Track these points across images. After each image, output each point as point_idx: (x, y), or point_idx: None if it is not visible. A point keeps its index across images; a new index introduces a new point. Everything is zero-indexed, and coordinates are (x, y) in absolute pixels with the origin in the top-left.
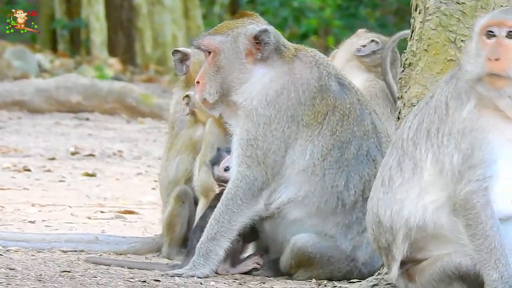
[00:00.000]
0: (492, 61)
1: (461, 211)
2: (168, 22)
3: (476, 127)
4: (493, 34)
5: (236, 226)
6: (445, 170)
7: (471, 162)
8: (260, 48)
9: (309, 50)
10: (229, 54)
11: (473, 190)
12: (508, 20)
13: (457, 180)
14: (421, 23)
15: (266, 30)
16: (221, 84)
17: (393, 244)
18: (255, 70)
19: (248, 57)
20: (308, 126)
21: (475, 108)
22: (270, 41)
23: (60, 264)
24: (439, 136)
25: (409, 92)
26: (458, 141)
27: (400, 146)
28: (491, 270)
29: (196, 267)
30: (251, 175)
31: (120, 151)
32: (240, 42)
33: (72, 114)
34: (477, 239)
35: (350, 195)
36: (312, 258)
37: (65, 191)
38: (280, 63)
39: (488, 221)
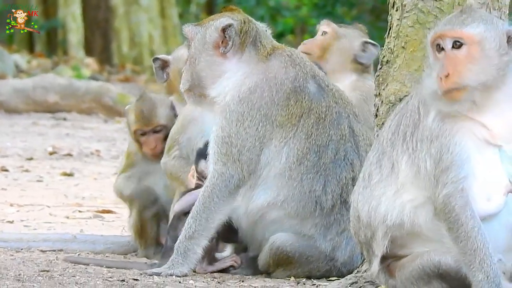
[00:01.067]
0: (443, 78)
1: (441, 215)
2: (145, 21)
3: (440, 133)
4: (441, 48)
5: (213, 224)
6: (421, 174)
7: (442, 165)
8: (227, 42)
9: (286, 49)
10: (198, 44)
11: (450, 193)
12: (447, 31)
13: (434, 185)
14: (398, 20)
15: (230, 24)
16: (191, 74)
17: (372, 239)
18: (229, 64)
19: (216, 50)
20: (282, 127)
21: (438, 115)
22: (232, 36)
23: (39, 264)
24: (413, 140)
25: (387, 89)
26: (428, 147)
27: (381, 143)
28: (477, 271)
29: (174, 265)
30: (227, 172)
31: (98, 150)
32: (208, 33)
33: (50, 114)
34: (460, 241)
35: (328, 199)
36: (291, 257)
37: (43, 190)
38: (256, 60)
39: (469, 222)
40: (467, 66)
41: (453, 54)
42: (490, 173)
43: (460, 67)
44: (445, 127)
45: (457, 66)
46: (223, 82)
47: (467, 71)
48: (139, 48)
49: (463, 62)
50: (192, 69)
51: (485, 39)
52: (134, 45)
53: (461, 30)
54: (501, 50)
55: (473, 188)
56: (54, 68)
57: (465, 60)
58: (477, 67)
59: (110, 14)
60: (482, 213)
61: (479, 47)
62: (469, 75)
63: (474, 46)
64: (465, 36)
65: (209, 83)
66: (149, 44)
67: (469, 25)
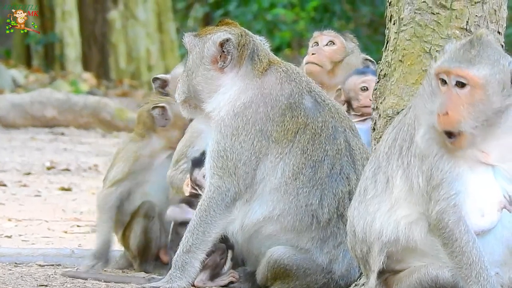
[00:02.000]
0: (441, 116)
1: (435, 231)
2: (142, 36)
3: (428, 154)
4: (445, 82)
5: (210, 237)
6: (414, 189)
7: (433, 183)
8: (225, 57)
9: (282, 64)
10: (196, 57)
11: (442, 209)
12: (453, 69)
13: (427, 201)
14: (396, 33)
15: (228, 39)
16: (188, 86)
17: (368, 255)
18: (225, 79)
19: (213, 64)
20: (278, 143)
21: (426, 134)
22: (231, 51)
23: (37, 278)
24: (408, 155)
25: (384, 103)
26: (420, 164)
27: (377, 157)
28: (474, 285)
29: (172, 279)
30: (223, 186)
31: (96, 165)
32: (206, 47)
33: (47, 128)
34: (455, 256)
35: (324, 213)
36: (289, 270)
37: (41, 205)
38: (252, 75)
39: (463, 237)
40: (467, 108)
41: (455, 92)
42: (483, 190)
43: (460, 107)
44: (432, 148)
45: (457, 106)
46: (218, 97)
47: (466, 113)
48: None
49: (464, 103)
50: (189, 81)
51: (489, 84)
52: (131, 60)
53: (467, 71)
54: (504, 92)
55: (466, 204)
56: (51, 83)
57: (466, 100)
58: (477, 110)
59: (107, 28)
60: (476, 229)
61: (483, 90)
62: (468, 117)
63: (477, 89)
64: (470, 78)
65: (205, 97)
66: (147, 58)
67: (476, 66)
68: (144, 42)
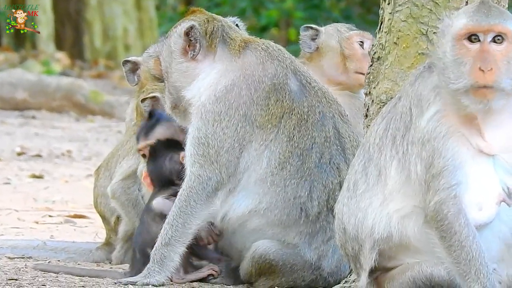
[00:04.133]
0: (481, 71)
1: (433, 223)
2: (119, 14)
3: (434, 136)
4: (477, 39)
5: (191, 229)
6: (412, 179)
7: (433, 171)
8: (194, 45)
9: (260, 42)
10: (166, 56)
11: (442, 200)
12: (495, 25)
13: (425, 191)
14: (391, 14)
15: (192, 26)
16: (169, 89)
17: (360, 253)
18: (202, 66)
19: (184, 56)
20: (263, 128)
21: (435, 116)
22: (197, 38)
23: (6, 272)
24: (404, 143)
25: (378, 88)
26: (419, 150)
27: (367, 150)
28: (472, 282)
29: (151, 274)
30: (204, 174)
31: (69, 151)
32: (173, 42)
33: (18, 112)
34: (453, 250)
35: (313, 206)
36: (274, 266)
37: (11, 194)
38: (229, 57)
39: (462, 230)
40: (505, 63)
41: (492, 48)
42: (483, 182)
43: (501, 63)
44: (440, 129)
45: (498, 62)
46: (197, 83)
47: (506, 69)
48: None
49: (502, 58)
50: (168, 84)
51: None
52: (107, 39)
53: (507, 26)
54: None
55: (465, 196)
56: (22, 63)
57: (504, 56)
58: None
59: (82, 5)
60: (474, 223)
61: None
62: (505, 73)
63: None
64: (508, 32)
65: (184, 88)
66: (124, 38)
67: (510, 21)
68: (121, 20)
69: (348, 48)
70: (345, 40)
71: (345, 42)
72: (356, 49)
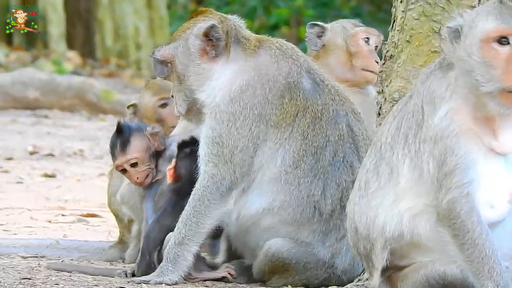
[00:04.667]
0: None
1: (445, 221)
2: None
3: (446, 134)
4: (506, 42)
5: (204, 229)
6: (424, 177)
7: (446, 169)
8: (214, 45)
9: (274, 41)
10: (183, 58)
11: (454, 198)
12: None
13: (437, 189)
14: (403, 12)
15: (213, 25)
16: (185, 92)
17: (372, 252)
18: (216, 67)
19: (203, 57)
20: (277, 127)
21: (448, 114)
22: (220, 36)
23: (20, 271)
24: (416, 142)
25: (390, 86)
26: (432, 148)
27: (378, 149)
28: (486, 280)
29: (164, 273)
30: (218, 174)
31: (81, 150)
32: (191, 43)
33: (29, 111)
34: (466, 248)
35: (327, 204)
36: (287, 264)
37: (23, 193)
38: (243, 57)
39: (475, 228)
40: None
41: None
42: (495, 180)
43: None
44: (452, 127)
45: None
46: (211, 84)
47: None
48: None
49: None
50: (183, 87)
51: None
52: (118, 38)
53: None
54: None
55: (477, 194)
56: (33, 62)
57: None
58: None
59: (93, 4)
60: (486, 221)
61: None
62: None
63: None
64: None
65: (199, 89)
66: (135, 36)
67: None
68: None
69: (354, 45)
70: (351, 37)
71: (350, 39)
72: (362, 46)
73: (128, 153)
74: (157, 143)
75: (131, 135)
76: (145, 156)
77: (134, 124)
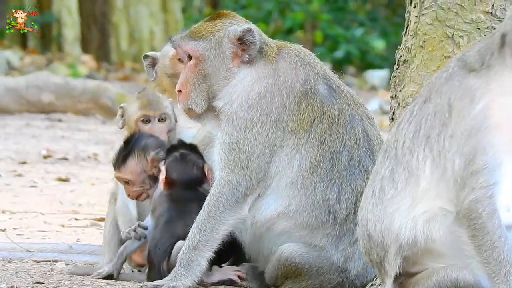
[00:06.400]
0: None
1: (465, 220)
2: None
3: (483, 128)
4: None
5: (218, 234)
6: (446, 176)
7: (473, 167)
8: (245, 49)
9: (293, 47)
10: (215, 61)
11: (477, 199)
12: None
13: (460, 188)
14: (417, 17)
15: (249, 29)
16: (208, 93)
17: (385, 259)
18: (238, 72)
19: (234, 61)
20: (294, 133)
21: (486, 107)
22: (256, 40)
23: (33, 275)
24: (440, 140)
25: (404, 91)
26: (461, 144)
27: (393, 156)
28: (501, 284)
29: (177, 278)
30: (234, 180)
31: (95, 154)
32: (225, 46)
33: (44, 114)
34: (484, 250)
35: (342, 208)
36: (300, 269)
37: (37, 197)
38: (263, 63)
39: (496, 231)
40: None
41: None
42: None
43: None
44: (489, 122)
45: None
46: (229, 90)
47: None
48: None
49: None
50: (209, 87)
51: None
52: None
53: None
54: None
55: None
56: (48, 66)
57: None
58: None
59: (108, 8)
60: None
61: None
62: None
63: None
64: None
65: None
66: (150, 40)
67: None
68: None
69: None
70: None
71: None
72: None
73: (121, 171)
74: (155, 170)
75: (130, 154)
76: (137, 179)
77: (144, 140)
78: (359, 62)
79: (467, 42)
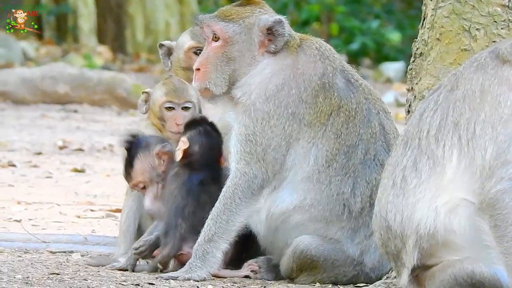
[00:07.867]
0: None
1: (488, 210)
2: (161, 7)
3: None
4: None
5: (234, 226)
6: (474, 165)
7: (505, 157)
8: (272, 40)
9: (314, 41)
10: (242, 46)
11: (505, 189)
12: None
13: (487, 176)
14: (433, 10)
15: (280, 21)
16: (230, 77)
17: (402, 251)
18: (259, 62)
19: (260, 49)
20: (311, 126)
21: None
22: (285, 33)
23: (48, 266)
24: (470, 127)
25: (420, 83)
26: (497, 131)
27: (416, 146)
28: None
29: (192, 269)
30: (251, 172)
31: (111, 145)
32: (254, 34)
33: (59, 105)
34: (506, 241)
35: (356, 202)
36: (315, 262)
37: (53, 188)
38: (284, 54)
39: None
40: None
41: None
42: None
43: None
44: None
45: None
46: (248, 80)
47: None
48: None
49: None
50: (232, 71)
51: None
52: (149, 33)
53: None
54: None
55: None
56: (64, 57)
57: None
58: None
59: None
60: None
61: None
62: None
63: None
64: None
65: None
66: (166, 31)
67: None
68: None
69: None
70: None
71: None
72: None
73: (133, 177)
74: (163, 166)
75: (135, 157)
76: (149, 177)
77: (144, 140)
78: (374, 55)
79: (483, 35)
